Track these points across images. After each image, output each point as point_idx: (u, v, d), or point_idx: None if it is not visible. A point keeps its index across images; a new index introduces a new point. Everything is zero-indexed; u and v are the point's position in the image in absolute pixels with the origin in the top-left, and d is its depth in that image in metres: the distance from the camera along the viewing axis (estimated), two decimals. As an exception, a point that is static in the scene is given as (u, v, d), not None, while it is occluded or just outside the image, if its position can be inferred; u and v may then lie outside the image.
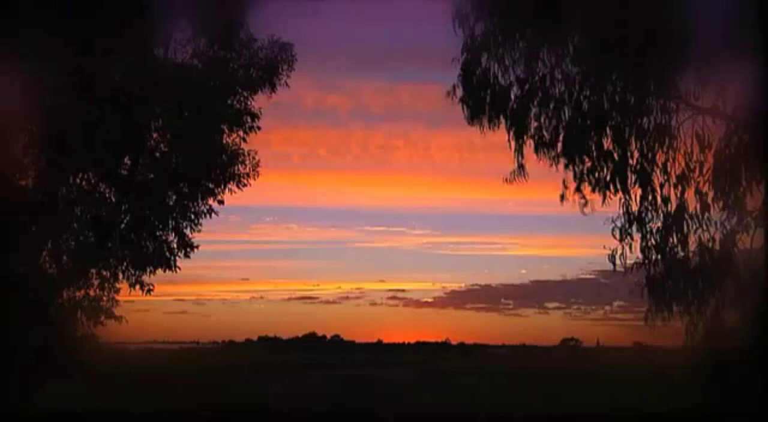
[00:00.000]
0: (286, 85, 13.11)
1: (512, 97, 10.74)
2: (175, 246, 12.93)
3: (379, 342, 18.46)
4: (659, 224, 10.18)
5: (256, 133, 13.17)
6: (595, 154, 10.42)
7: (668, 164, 10.18)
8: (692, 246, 10.06)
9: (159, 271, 12.78)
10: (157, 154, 12.91)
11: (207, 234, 13.38)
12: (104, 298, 12.69)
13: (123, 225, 12.67)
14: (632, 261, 10.23)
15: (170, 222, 12.92)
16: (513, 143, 10.77)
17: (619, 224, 10.25)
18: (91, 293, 12.61)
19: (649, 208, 10.20)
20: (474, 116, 10.88)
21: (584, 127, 10.41)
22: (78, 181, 12.43)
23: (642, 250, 10.21)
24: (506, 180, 10.98)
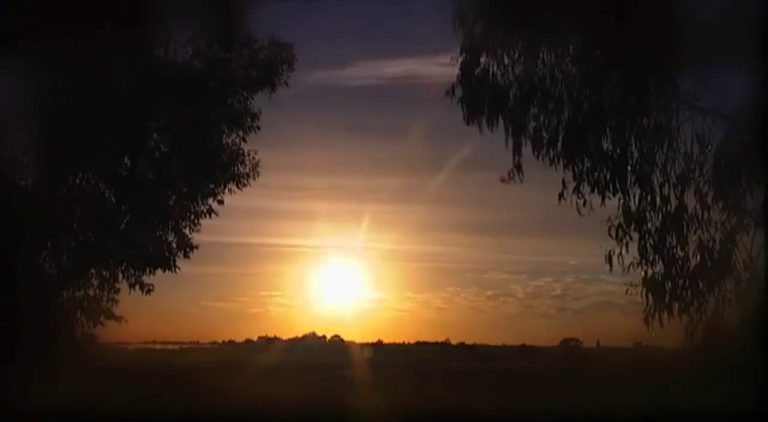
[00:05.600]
0: (286, 85, 13.11)
1: (511, 96, 10.75)
2: (174, 246, 12.94)
3: (379, 342, 18.46)
4: (658, 224, 10.18)
5: (255, 133, 13.18)
6: (594, 154, 10.43)
7: (668, 164, 10.19)
8: (692, 246, 10.07)
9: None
10: (157, 154, 12.91)
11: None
12: (104, 298, 12.70)
13: (123, 225, 12.66)
14: (629, 262, 10.26)
15: (170, 222, 12.93)
16: (511, 142, 10.80)
17: (616, 224, 10.26)
18: (91, 293, 12.63)
19: (648, 208, 10.20)
20: (473, 116, 10.88)
21: (584, 127, 10.41)
22: (78, 181, 12.43)
23: (640, 251, 10.21)
24: (503, 179, 11.00)
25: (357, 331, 19.95)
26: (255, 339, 18.44)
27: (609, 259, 10.26)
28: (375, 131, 17.66)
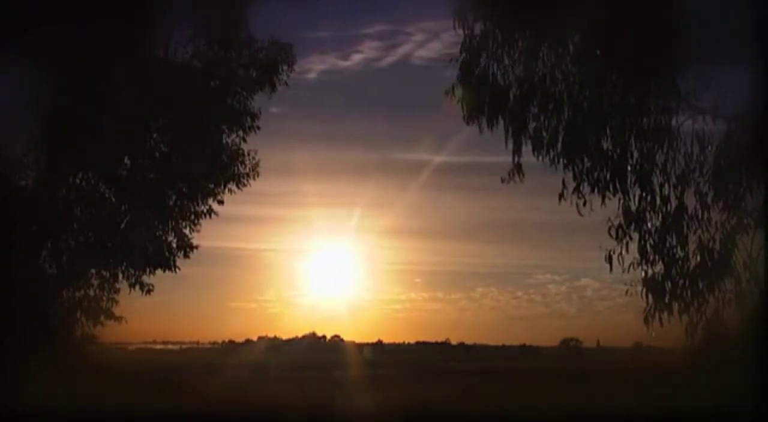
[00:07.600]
0: (286, 85, 13.12)
1: (511, 96, 10.74)
2: (174, 246, 12.94)
3: (380, 342, 18.50)
4: (658, 224, 10.17)
5: (255, 133, 13.19)
6: (594, 154, 10.42)
7: (668, 164, 10.18)
8: (692, 246, 10.06)
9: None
10: (157, 154, 12.91)
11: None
12: (104, 298, 12.70)
13: (123, 225, 12.66)
14: (629, 262, 10.24)
15: (170, 222, 12.93)
16: (511, 143, 10.79)
17: (616, 224, 10.25)
18: (91, 293, 12.62)
19: (648, 208, 10.20)
20: (472, 116, 10.87)
21: (584, 127, 10.40)
22: (78, 181, 12.43)
23: (640, 251, 10.20)
24: (503, 180, 10.99)
25: (357, 331, 19.96)
26: (255, 339, 18.46)
27: (609, 259, 10.26)
28: (383, 132, 17.67)
